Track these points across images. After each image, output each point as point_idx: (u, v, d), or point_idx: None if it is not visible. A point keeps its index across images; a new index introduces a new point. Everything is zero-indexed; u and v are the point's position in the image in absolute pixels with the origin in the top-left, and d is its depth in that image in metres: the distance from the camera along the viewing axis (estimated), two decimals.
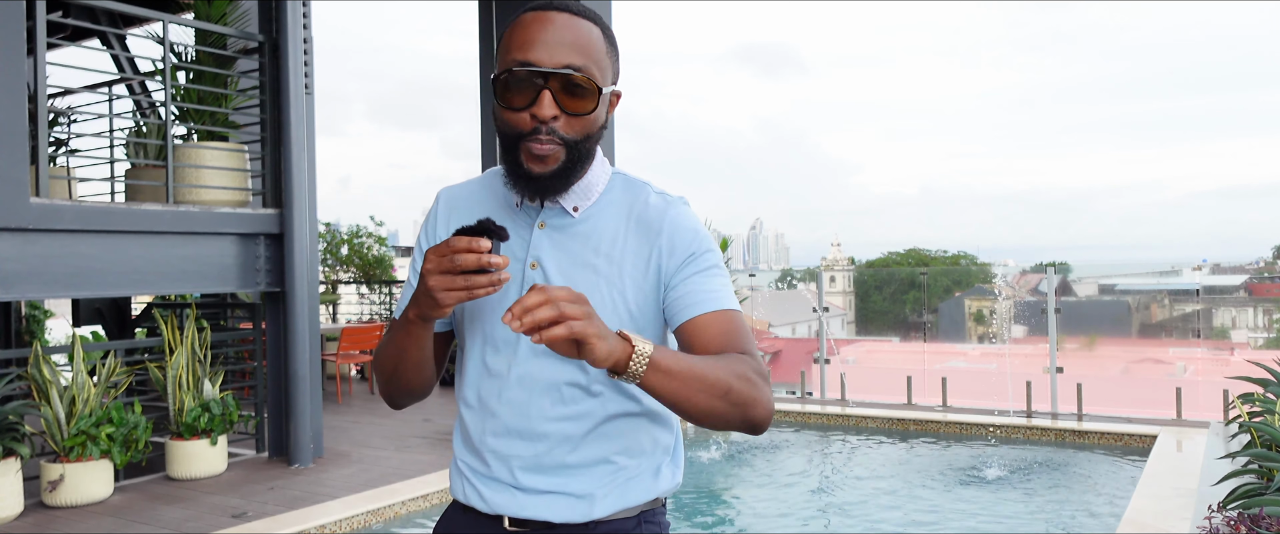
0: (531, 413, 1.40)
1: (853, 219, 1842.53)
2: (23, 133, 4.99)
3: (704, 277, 1.39)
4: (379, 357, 1.46)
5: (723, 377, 1.26)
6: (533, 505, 1.42)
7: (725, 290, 1.40)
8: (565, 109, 1.31)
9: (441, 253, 1.22)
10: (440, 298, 1.23)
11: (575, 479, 1.41)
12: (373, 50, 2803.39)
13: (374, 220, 14.23)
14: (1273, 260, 69.67)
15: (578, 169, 1.36)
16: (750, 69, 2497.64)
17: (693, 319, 1.36)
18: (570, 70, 1.30)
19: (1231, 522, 3.44)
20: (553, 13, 1.33)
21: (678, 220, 1.42)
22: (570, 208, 1.42)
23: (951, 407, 8.28)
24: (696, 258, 1.40)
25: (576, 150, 1.34)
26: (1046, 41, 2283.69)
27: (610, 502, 1.42)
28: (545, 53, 1.30)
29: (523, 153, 1.33)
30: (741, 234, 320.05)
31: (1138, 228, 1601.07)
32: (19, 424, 5.07)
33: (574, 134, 1.33)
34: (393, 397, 1.49)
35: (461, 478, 1.49)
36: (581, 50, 1.32)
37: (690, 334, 1.37)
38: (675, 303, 1.39)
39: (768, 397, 1.31)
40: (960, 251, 67.93)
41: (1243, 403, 5.64)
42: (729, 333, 1.36)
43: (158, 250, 5.78)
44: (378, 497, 5.29)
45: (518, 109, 1.31)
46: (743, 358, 1.31)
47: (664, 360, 1.20)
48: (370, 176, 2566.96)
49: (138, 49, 10.94)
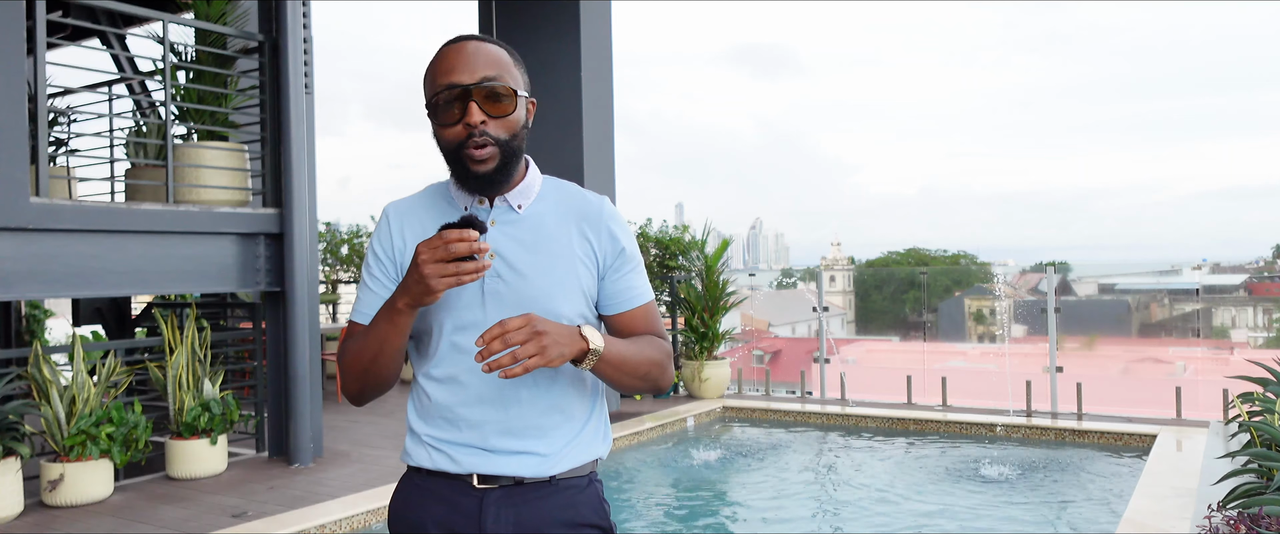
0: (503, 384, 1.59)
1: (852, 219, 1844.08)
2: (23, 132, 4.99)
3: (634, 274, 1.69)
4: (352, 353, 1.61)
5: (644, 362, 1.62)
6: (503, 464, 1.61)
7: (645, 284, 1.72)
8: (490, 113, 1.55)
9: (434, 245, 1.42)
10: (433, 284, 1.42)
11: (542, 440, 1.62)
12: (370, 51, 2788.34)
13: (373, 220, 14.24)
14: (1273, 260, 69.67)
15: (513, 163, 1.59)
16: (749, 69, 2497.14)
17: (628, 312, 1.69)
18: (487, 81, 1.54)
19: (1231, 521, 3.45)
20: (462, 42, 1.58)
21: (614, 217, 1.68)
22: (515, 205, 1.64)
23: (951, 406, 8.28)
24: (627, 256, 1.68)
25: (508, 148, 1.57)
26: (1046, 41, 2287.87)
27: (568, 460, 1.64)
28: (465, 73, 1.54)
29: (465, 160, 1.56)
30: (741, 234, 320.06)
31: (1138, 228, 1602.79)
32: (19, 424, 5.07)
33: (503, 133, 1.56)
34: (364, 390, 1.64)
35: (425, 447, 1.65)
36: (494, 64, 1.57)
37: (622, 323, 1.68)
38: (613, 296, 1.68)
39: (671, 371, 1.70)
40: (960, 251, 67.89)
41: (1242, 402, 5.64)
42: (648, 320, 1.71)
43: (158, 250, 5.78)
44: (378, 496, 5.29)
45: (451, 124, 1.55)
46: (657, 341, 1.68)
47: (611, 354, 1.54)
48: (370, 177, 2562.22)
49: (138, 49, 10.94)
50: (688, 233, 10.14)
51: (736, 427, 8.30)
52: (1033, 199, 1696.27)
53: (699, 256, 9.62)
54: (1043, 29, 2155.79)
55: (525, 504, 1.60)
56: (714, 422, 8.44)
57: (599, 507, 1.67)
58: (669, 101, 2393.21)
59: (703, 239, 9.84)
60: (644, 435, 7.53)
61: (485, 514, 1.59)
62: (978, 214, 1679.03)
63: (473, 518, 1.60)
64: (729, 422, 8.47)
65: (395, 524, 1.69)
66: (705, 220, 10.34)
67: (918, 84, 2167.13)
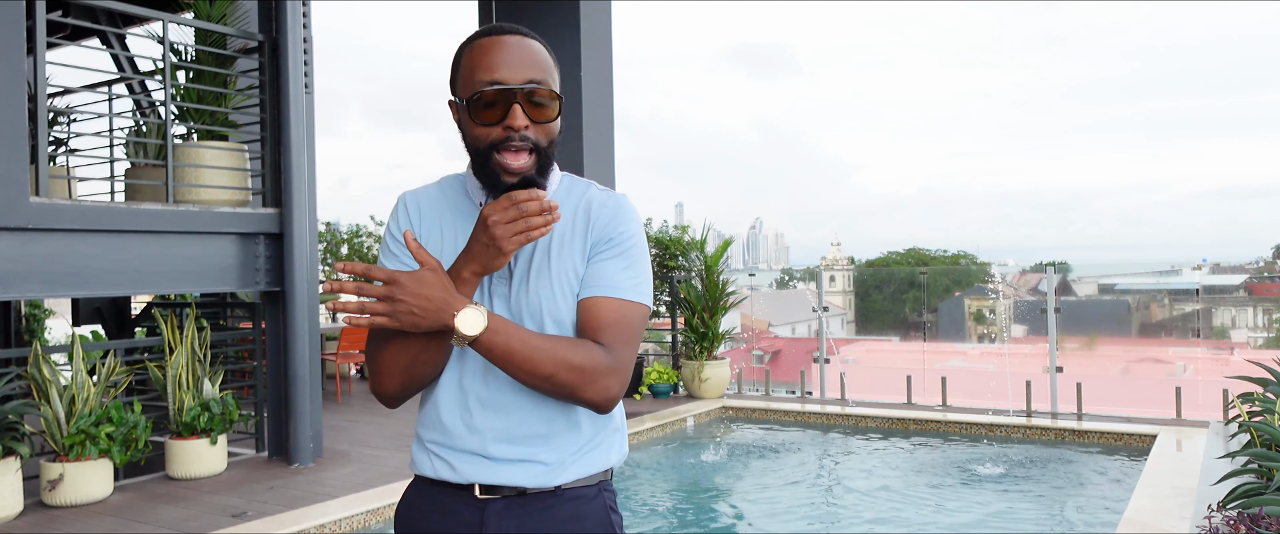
0: (506, 387, 1.53)
1: (852, 219, 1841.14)
2: (23, 132, 4.99)
3: (609, 263, 1.54)
4: (393, 347, 1.51)
5: (548, 361, 1.43)
6: (504, 473, 1.54)
7: (622, 281, 1.53)
8: (533, 119, 1.49)
9: (504, 206, 1.39)
10: (504, 244, 1.40)
11: (545, 448, 1.54)
12: (368, 51, 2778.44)
13: (374, 220, 14.24)
14: (1273, 260, 69.64)
15: (546, 171, 1.54)
16: (748, 69, 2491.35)
17: (584, 300, 1.53)
18: (534, 84, 1.49)
19: (1231, 521, 3.44)
20: (506, 36, 1.51)
21: (619, 214, 1.58)
22: None
23: (951, 406, 8.28)
24: (612, 245, 1.55)
25: (545, 154, 1.52)
26: (1045, 42, 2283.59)
27: (575, 469, 1.56)
28: (509, 72, 1.48)
29: (495, 163, 1.49)
30: (741, 234, 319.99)
31: (1138, 228, 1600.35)
32: (19, 423, 5.07)
33: (542, 139, 1.51)
34: (408, 385, 1.55)
35: (429, 455, 1.60)
36: (539, 66, 1.51)
37: (581, 312, 1.52)
38: (585, 280, 1.54)
39: (601, 385, 1.46)
40: (960, 251, 67.89)
41: (1242, 402, 5.64)
42: (597, 317, 1.51)
43: (158, 250, 5.78)
44: (377, 496, 5.29)
45: (490, 124, 1.48)
46: (586, 345, 1.47)
47: (495, 343, 1.41)
48: (370, 177, 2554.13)
49: (138, 48, 10.94)
50: (688, 233, 10.14)
51: (736, 427, 8.29)
52: (1033, 199, 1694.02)
53: (699, 257, 9.62)
54: (1042, 29, 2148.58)
55: (528, 516, 1.54)
56: (714, 422, 8.44)
57: (605, 518, 1.59)
58: (669, 101, 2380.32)
59: (703, 239, 9.85)
60: (644, 435, 7.53)
61: (486, 526, 1.53)
62: (978, 214, 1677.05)
63: (474, 530, 1.54)
64: (729, 422, 8.47)
65: (400, 531, 1.66)
66: (705, 220, 10.36)
67: (918, 84, 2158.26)
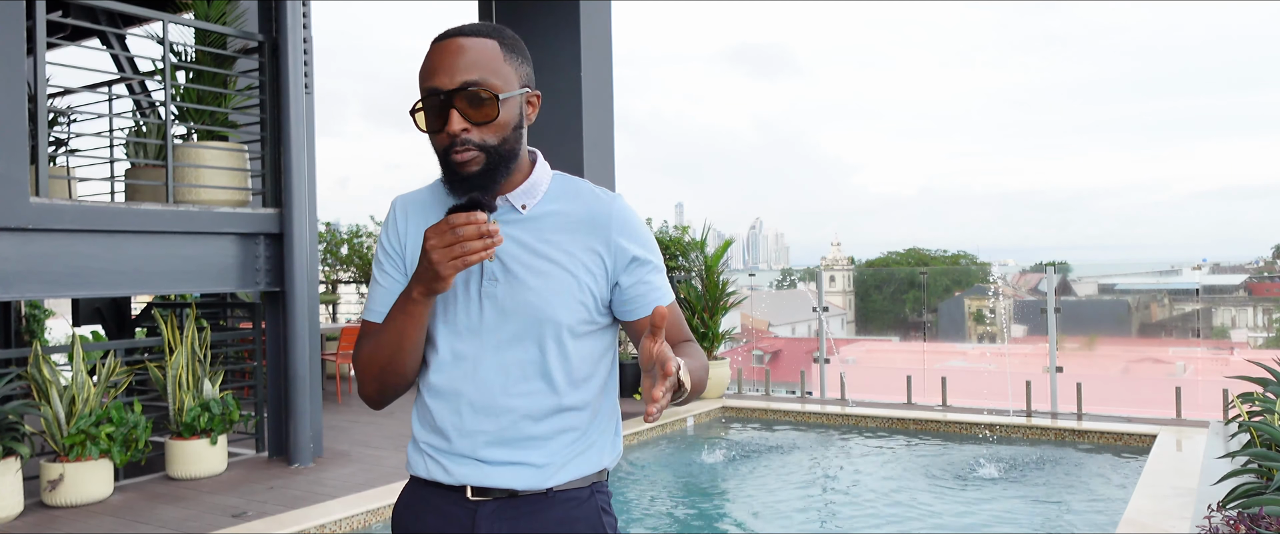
0: (496, 390, 1.55)
1: (852, 219, 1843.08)
2: (23, 132, 4.99)
3: (653, 274, 1.60)
4: (368, 351, 1.57)
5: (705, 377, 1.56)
6: (496, 475, 1.55)
7: (665, 284, 1.63)
8: (472, 120, 1.47)
9: (441, 230, 1.39)
10: (442, 270, 1.40)
11: (537, 451, 1.56)
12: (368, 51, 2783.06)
13: (374, 220, 14.25)
14: (1273, 260, 69.64)
15: (502, 168, 1.51)
16: (748, 69, 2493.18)
17: (663, 308, 1.54)
18: (467, 85, 1.46)
19: (1231, 521, 3.44)
20: (449, 40, 1.50)
21: (625, 223, 1.59)
22: (519, 205, 1.57)
23: (951, 406, 8.28)
24: (639, 261, 1.59)
25: (495, 153, 1.49)
26: (1045, 42, 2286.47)
27: (567, 471, 1.57)
28: (445, 77, 1.47)
29: (452, 164, 1.50)
30: (741, 234, 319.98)
31: (1138, 228, 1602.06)
32: (19, 424, 5.07)
33: (489, 138, 1.49)
34: (384, 390, 1.59)
35: (423, 456, 1.61)
36: (477, 66, 1.48)
37: (658, 319, 1.50)
38: (631, 299, 1.58)
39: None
40: (960, 251, 67.89)
41: (1242, 402, 5.64)
42: (676, 323, 1.64)
43: (158, 250, 5.78)
44: (377, 496, 5.29)
45: (436, 131, 1.49)
46: (697, 348, 1.61)
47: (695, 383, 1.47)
48: (370, 177, 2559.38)
49: (138, 49, 10.95)
50: (688, 233, 10.15)
51: (736, 427, 8.29)
52: (1033, 199, 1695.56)
53: (699, 257, 9.62)
54: (1042, 29, 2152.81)
55: (519, 518, 1.55)
56: (714, 422, 8.44)
57: (597, 520, 1.60)
58: (669, 101, 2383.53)
59: (703, 239, 9.85)
60: (644, 435, 7.53)
61: (478, 528, 1.55)
62: (978, 214, 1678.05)
63: (465, 531, 1.56)
64: (729, 422, 8.47)
65: (396, 531, 1.68)
66: (705, 220, 10.36)
67: (918, 84, 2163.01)
